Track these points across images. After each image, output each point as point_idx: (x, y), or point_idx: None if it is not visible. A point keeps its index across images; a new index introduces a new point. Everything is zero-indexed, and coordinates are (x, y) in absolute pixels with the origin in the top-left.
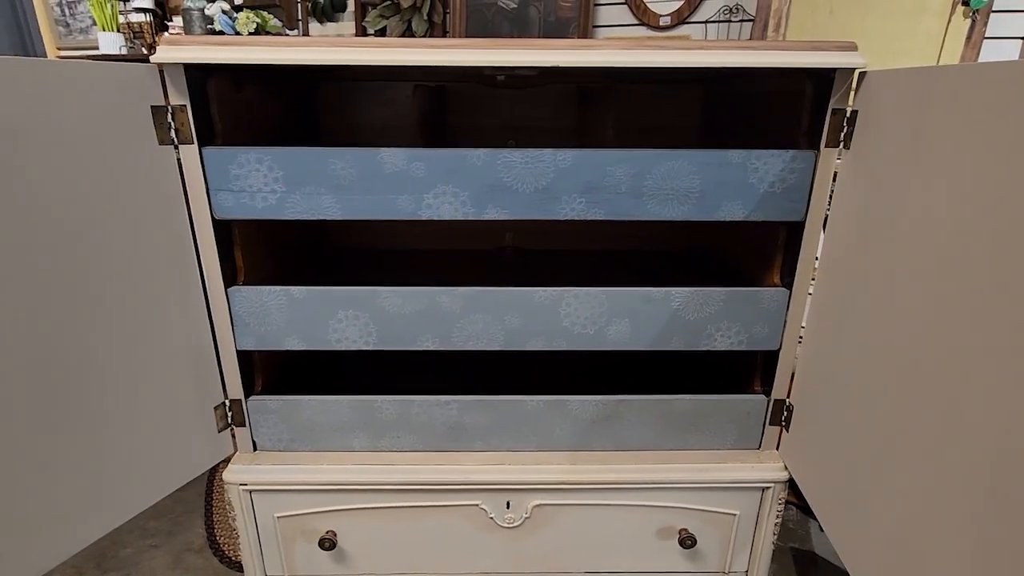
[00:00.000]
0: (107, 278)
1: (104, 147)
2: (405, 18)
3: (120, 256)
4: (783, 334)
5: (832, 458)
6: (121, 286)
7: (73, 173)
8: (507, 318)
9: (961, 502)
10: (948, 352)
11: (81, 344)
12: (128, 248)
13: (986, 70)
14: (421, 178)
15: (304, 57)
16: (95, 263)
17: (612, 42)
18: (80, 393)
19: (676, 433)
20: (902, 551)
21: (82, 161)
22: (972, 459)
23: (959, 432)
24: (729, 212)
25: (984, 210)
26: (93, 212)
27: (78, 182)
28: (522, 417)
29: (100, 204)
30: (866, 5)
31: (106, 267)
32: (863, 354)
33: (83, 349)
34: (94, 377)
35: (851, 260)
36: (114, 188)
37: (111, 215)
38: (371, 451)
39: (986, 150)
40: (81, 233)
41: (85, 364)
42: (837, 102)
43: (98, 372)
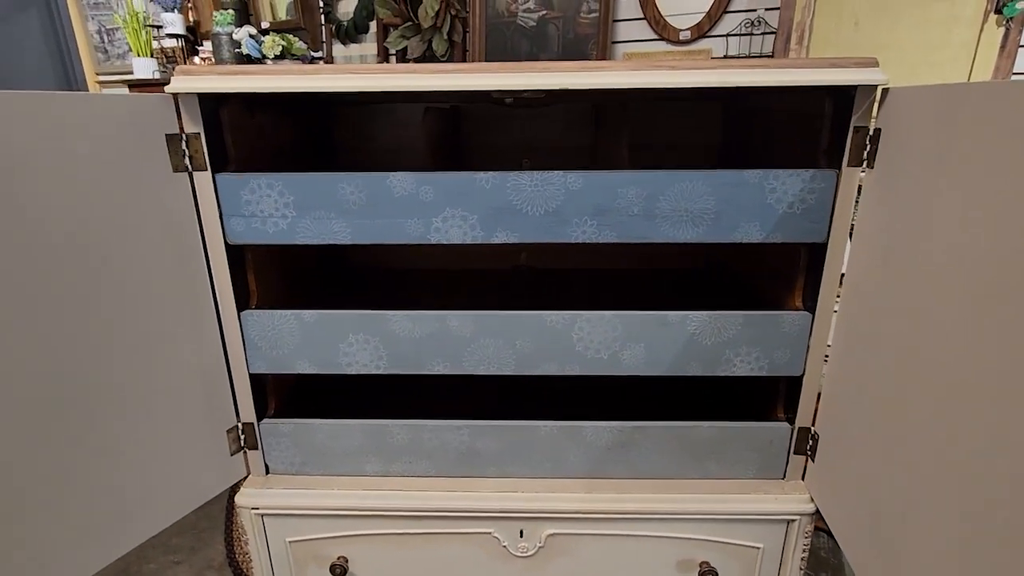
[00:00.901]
0: (122, 303)
1: (120, 175)
2: (426, 38)
3: (135, 282)
4: (806, 359)
5: (861, 491)
6: (136, 311)
7: (89, 201)
8: (519, 342)
9: (1001, 543)
10: (985, 381)
11: (95, 368)
12: (142, 274)
13: (1016, 88)
14: (430, 202)
15: (315, 85)
16: (110, 289)
17: (624, 63)
18: (94, 417)
19: (696, 461)
20: None
21: (98, 190)
22: (1016, 497)
23: (1000, 466)
24: (746, 234)
25: (1019, 233)
26: (108, 239)
27: (94, 210)
28: (535, 443)
29: (115, 231)
30: (894, 16)
31: (121, 293)
32: (892, 382)
33: (97, 373)
34: (108, 401)
35: (878, 283)
36: (129, 215)
37: (126, 242)
38: (383, 476)
39: (1019, 170)
40: (96, 260)
41: (99, 388)
42: (859, 120)
43: (112, 396)
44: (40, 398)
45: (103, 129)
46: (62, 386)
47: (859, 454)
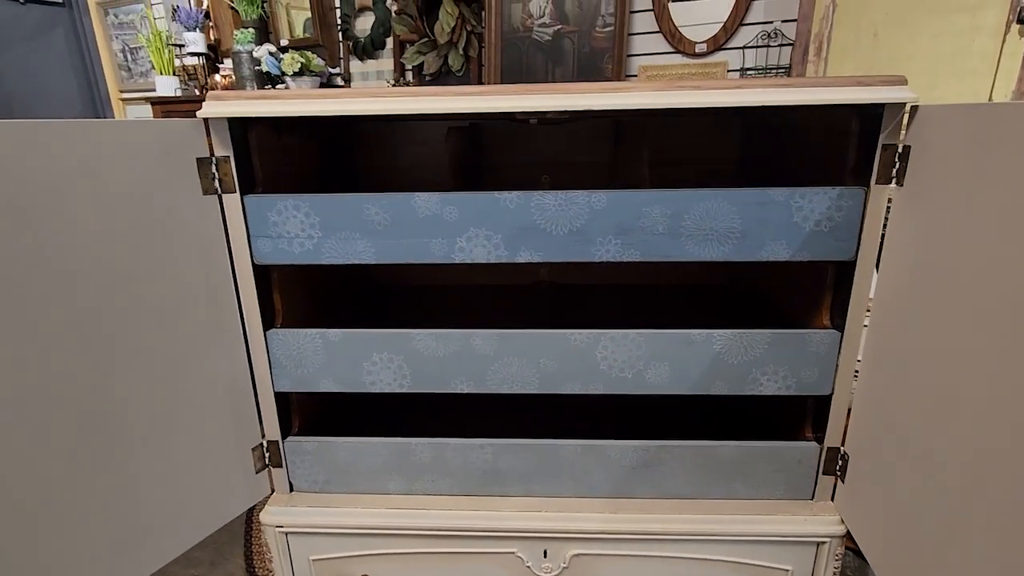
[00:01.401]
0: (152, 324)
1: (151, 198)
2: (442, 53)
3: (165, 303)
4: (835, 378)
5: (896, 514)
6: (165, 331)
7: (122, 225)
8: (542, 361)
9: None
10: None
11: (125, 387)
12: (172, 295)
13: None
14: (454, 222)
15: (342, 108)
16: (141, 310)
17: (649, 84)
18: (123, 435)
19: (722, 481)
20: None
21: (131, 213)
22: None
23: None
24: (773, 252)
25: None
26: (140, 261)
27: (126, 233)
28: (559, 462)
29: (147, 253)
30: (913, 28)
31: (151, 313)
32: (925, 403)
33: (127, 392)
34: (137, 420)
35: (909, 302)
36: (160, 237)
37: (157, 264)
38: (406, 494)
39: None
40: (128, 282)
41: (128, 407)
42: (887, 137)
43: (141, 415)
44: (70, 418)
45: (137, 154)
46: (92, 405)
47: (892, 476)
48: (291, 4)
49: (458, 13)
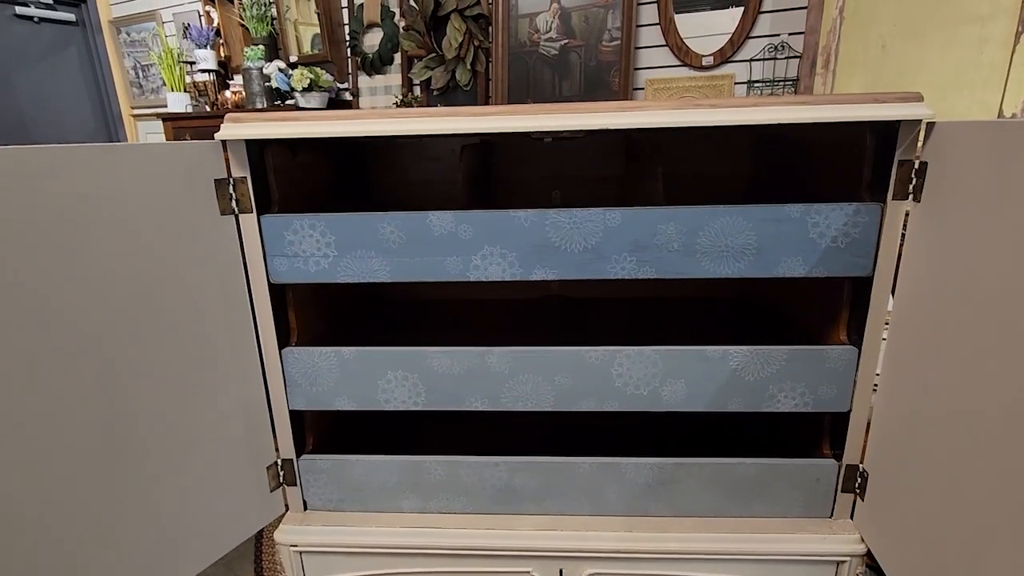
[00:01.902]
0: (170, 344)
1: (170, 219)
2: (449, 68)
3: (183, 322)
4: (853, 395)
5: (919, 533)
6: (183, 351)
7: (142, 246)
8: (557, 378)
9: None
10: None
11: (143, 406)
12: (190, 315)
13: None
14: (469, 240)
15: (357, 129)
16: (160, 330)
17: (664, 103)
18: (142, 456)
19: (739, 499)
20: None
21: (150, 234)
22: None
23: None
24: (789, 268)
25: None
26: (159, 282)
27: (146, 254)
28: (574, 480)
29: (165, 274)
30: (921, 39)
31: (170, 333)
32: (947, 420)
33: (145, 411)
34: (155, 439)
35: (928, 319)
36: (178, 258)
37: (175, 284)
38: (420, 512)
39: None
40: (147, 302)
41: (147, 426)
42: (903, 153)
43: (159, 434)
44: (91, 439)
45: (157, 177)
46: (112, 426)
47: (914, 494)
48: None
49: (465, 28)
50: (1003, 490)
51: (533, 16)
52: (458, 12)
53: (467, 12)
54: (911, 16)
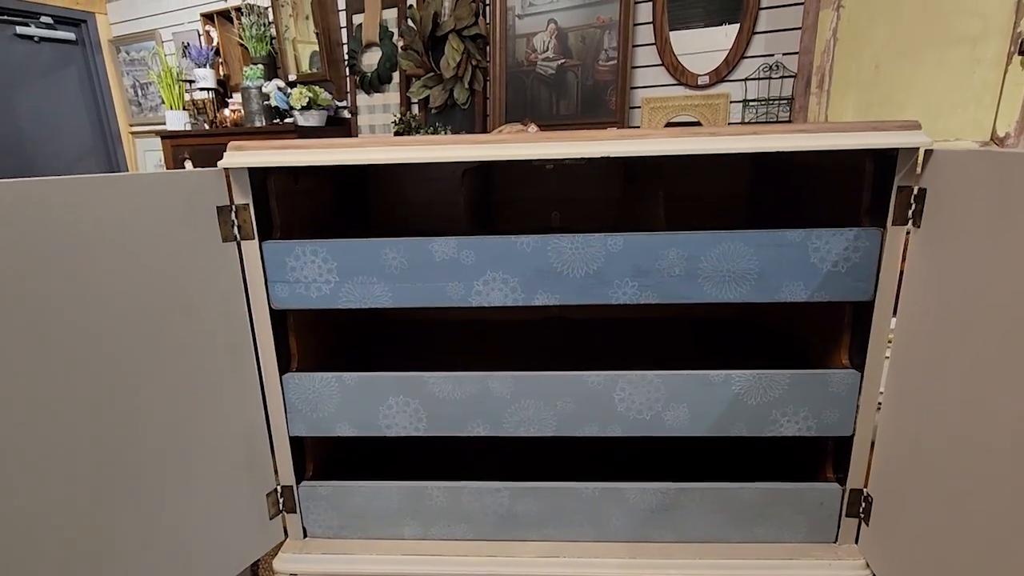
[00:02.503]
0: (172, 370)
1: (173, 247)
2: (447, 87)
3: (184, 349)
4: (856, 419)
5: (921, 557)
6: (184, 378)
7: (144, 274)
8: (559, 403)
9: None
10: None
11: (145, 433)
12: (191, 341)
13: None
14: (471, 265)
15: (359, 158)
16: (162, 357)
17: (665, 131)
18: (143, 483)
19: (743, 525)
20: None
21: (153, 262)
22: None
23: None
24: (791, 293)
25: None
26: (160, 310)
27: (148, 282)
28: (577, 505)
29: (167, 302)
30: (914, 59)
31: (171, 360)
32: (949, 444)
33: (147, 438)
34: (156, 467)
35: (930, 343)
36: (180, 285)
37: (176, 310)
38: (421, 539)
39: None
40: (149, 330)
41: (148, 454)
42: (903, 179)
43: (160, 462)
44: (88, 464)
45: (160, 205)
46: (114, 453)
47: (919, 518)
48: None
49: (463, 48)
50: (1009, 515)
51: (530, 36)
52: (456, 32)
53: (465, 32)
54: (903, 37)
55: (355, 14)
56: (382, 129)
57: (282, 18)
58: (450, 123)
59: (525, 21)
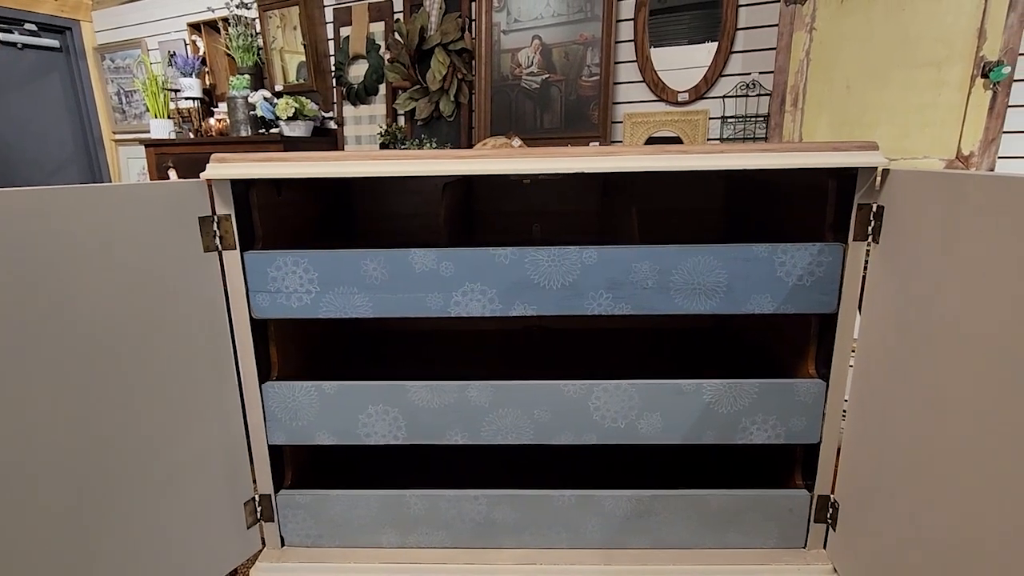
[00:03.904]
0: (152, 379)
1: (154, 257)
2: (433, 100)
3: (165, 358)
4: (822, 426)
5: (886, 562)
6: (164, 386)
7: (126, 282)
8: (536, 412)
9: None
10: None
11: (126, 442)
12: (172, 351)
13: (1014, 184)
14: (450, 277)
15: (342, 171)
16: (143, 365)
17: (639, 148)
18: (123, 493)
19: (715, 531)
20: None
21: (134, 272)
22: None
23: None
24: (758, 305)
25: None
26: (142, 318)
27: (129, 292)
28: (553, 513)
29: (149, 310)
30: (883, 80)
31: (152, 369)
32: (912, 452)
33: (122, 446)
34: (131, 473)
35: (890, 353)
36: (161, 294)
37: (158, 320)
38: (399, 547)
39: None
40: (130, 340)
41: (124, 461)
42: (862, 197)
43: (135, 468)
44: (66, 473)
45: (142, 215)
46: (88, 462)
47: (883, 523)
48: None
49: (449, 62)
50: (969, 517)
51: (515, 51)
52: (442, 46)
53: (451, 46)
54: (873, 59)
55: (342, 26)
56: (368, 140)
57: (269, 29)
58: (436, 135)
59: (510, 36)
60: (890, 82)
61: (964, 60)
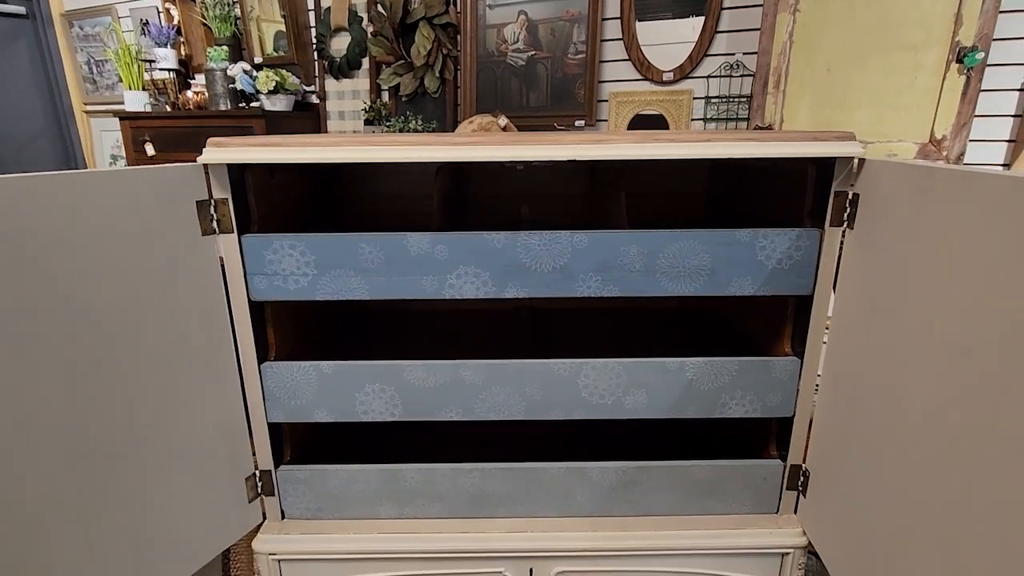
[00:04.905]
0: (154, 360)
1: (152, 242)
2: (418, 75)
3: (166, 340)
4: (796, 401)
5: (849, 525)
6: (165, 368)
7: (126, 267)
8: (527, 389)
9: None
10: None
11: (125, 423)
12: (172, 332)
13: (974, 178)
14: (444, 260)
15: (340, 156)
16: (144, 346)
17: (629, 135)
18: (127, 470)
19: (695, 499)
20: None
21: (132, 257)
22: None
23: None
24: (739, 288)
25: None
26: (143, 301)
27: (129, 276)
28: (543, 484)
29: (149, 293)
30: (863, 64)
31: (153, 350)
32: (876, 424)
33: (127, 428)
34: (139, 454)
35: (860, 333)
36: (160, 277)
37: (159, 303)
38: (396, 519)
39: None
40: (130, 322)
41: (128, 442)
42: (839, 185)
43: (143, 449)
44: (71, 451)
45: (140, 200)
46: (98, 441)
47: (847, 489)
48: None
49: (434, 36)
50: (925, 485)
51: (501, 27)
52: (427, 20)
53: (436, 20)
54: (854, 42)
55: None
56: (351, 115)
57: None
58: (421, 112)
59: (496, 11)
60: (869, 66)
61: (940, 45)
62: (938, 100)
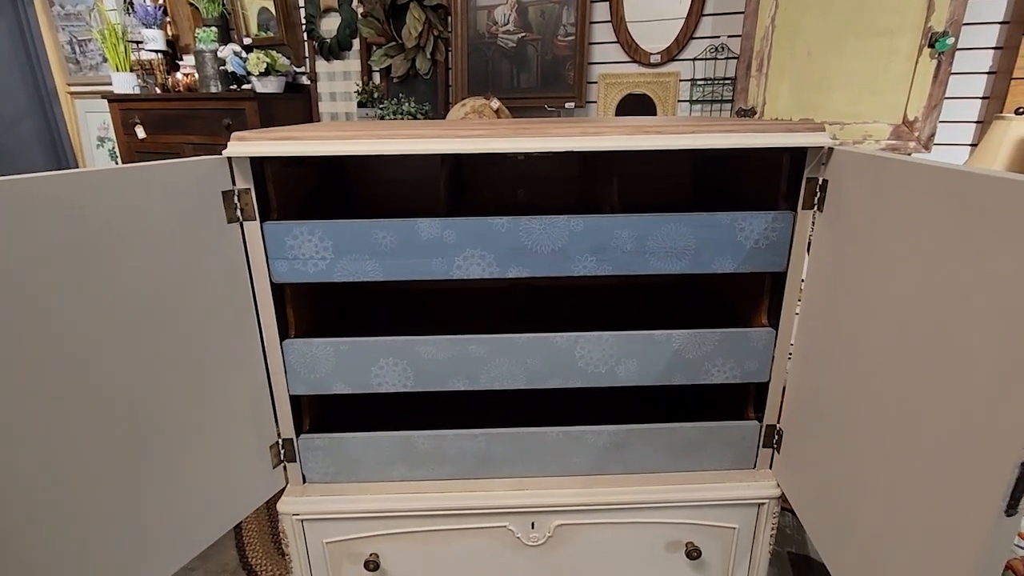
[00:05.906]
0: (184, 338)
1: (184, 229)
2: (409, 57)
3: (195, 319)
4: (771, 368)
5: (817, 476)
6: (196, 344)
7: (160, 253)
8: (528, 360)
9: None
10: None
11: (163, 395)
12: (201, 312)
13: (923, 169)
14: (452, 244)
15: (362, 149)
16: (176, 326)
17: (620, 127)
18: (163, 438)
19: (680, 457)
20: (877, 558)
21: (167, 243)
22: (933, 476)
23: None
24: (721, 266)
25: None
26: (175, 285)
27: (164, 260)
28: (543, 447)
29: (180, 278)
30: (840, 48)
31: (184, 329)
32: (841, 387)
33: (165, 399)
34: (174, 423)
35: (828, 306)
36: (190, 262)
37: (188, 286)
38: (409, 480)
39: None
40: (165, 303)
41: (167, 412)
42: (811, 172)
43: (177, 419)
44: (117, 423)
45: (171, 191)
46: (136, 413)
47: (815, 446)
48: None
49: (425, 18)
50: (886, 438)
51: (491, 9)
52: (417, 1)
53: (426, 2)
54: (832, 27)
55: None
56: (343, 97)
57: None
58: (413, 93)
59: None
60: (846, 50)
61: (914, 30)
62: (911, 83)
